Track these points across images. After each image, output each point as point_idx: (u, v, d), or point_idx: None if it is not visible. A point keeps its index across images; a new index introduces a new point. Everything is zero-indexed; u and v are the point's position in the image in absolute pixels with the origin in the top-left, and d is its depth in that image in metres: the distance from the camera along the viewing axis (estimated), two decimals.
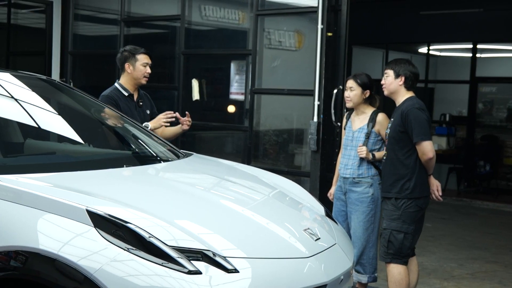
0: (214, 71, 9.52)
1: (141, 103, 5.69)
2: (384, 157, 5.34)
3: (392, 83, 5.26)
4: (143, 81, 5.65)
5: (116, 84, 5.65)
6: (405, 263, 5.25)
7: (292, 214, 4.16)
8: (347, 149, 5.81)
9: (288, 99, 8.30)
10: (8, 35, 11.78)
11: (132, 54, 5.63)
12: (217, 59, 9.34)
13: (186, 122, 5.64)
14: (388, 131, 5.33)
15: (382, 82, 5.34)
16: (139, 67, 5.60)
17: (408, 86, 5.25)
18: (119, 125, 4.97)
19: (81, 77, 10.81)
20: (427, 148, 5.07)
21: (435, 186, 5.28)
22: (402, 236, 5.15)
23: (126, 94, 5.60)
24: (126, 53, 5.67)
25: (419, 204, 5.17)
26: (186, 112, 5.69)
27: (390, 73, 5.28)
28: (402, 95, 5.26)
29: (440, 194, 5.29)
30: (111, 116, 5.01)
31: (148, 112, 5.75)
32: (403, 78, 5.23)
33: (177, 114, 5.66)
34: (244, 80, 8.53)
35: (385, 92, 5.35)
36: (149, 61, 5.67)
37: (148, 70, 5.65)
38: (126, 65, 5.62)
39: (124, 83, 5.64)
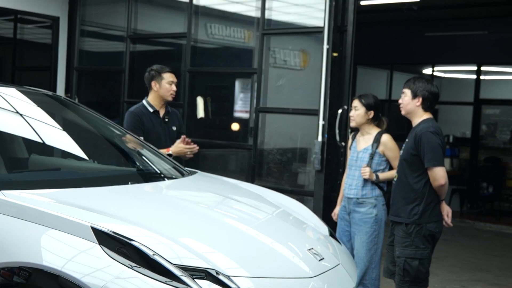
0: (219, 89, 9.53)
1: (166, 120, 5.91)
2: (395, 179, 5.20)
3: (409, 103, 5.07)
4: (169, 98, 5.89)
5: (143, 101, 5.90)
6: (424, 286, 5.07)
7: (296, 233, 4.14)
8: (351, 169, 5.80)
9: (292, 118, 8.31)
10: (14, 50, 11.83)
11: (158, 73, 5.88)
12: (223, 77, 9.36)
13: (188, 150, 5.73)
14: (402, 152, 5.18)
15: (400, 101, 5.15)
16: (165, 85, 5.85)
17: (425, 107, 5.05)
18: (125, 142, 4.97)
19: (86, 93, 10.84)
20: (439, 175, 4.89)
21: (445, 211, 5.10)
22: (417, 263, 4.96)
23: (151, 110, 5.84)
24: (153, 72, 5.91)
25: (430, 228, 4.97)
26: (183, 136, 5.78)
27: (407, 92, 5.08)
28: (419, 116, 5.06)
29: (450, 220, 5.12)
30: (117, 134, 5.02)
31: (174, 128, 5.97)
32: (420, 99, 5.03)
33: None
34: (249, 99, 8.54)
35: (402, 112, 5.16)
36: (175, 80, 5.93)
37: (174, 88, 5.90)
38: (153, 83, 5.87)
39: (151, 100, 5.88)
